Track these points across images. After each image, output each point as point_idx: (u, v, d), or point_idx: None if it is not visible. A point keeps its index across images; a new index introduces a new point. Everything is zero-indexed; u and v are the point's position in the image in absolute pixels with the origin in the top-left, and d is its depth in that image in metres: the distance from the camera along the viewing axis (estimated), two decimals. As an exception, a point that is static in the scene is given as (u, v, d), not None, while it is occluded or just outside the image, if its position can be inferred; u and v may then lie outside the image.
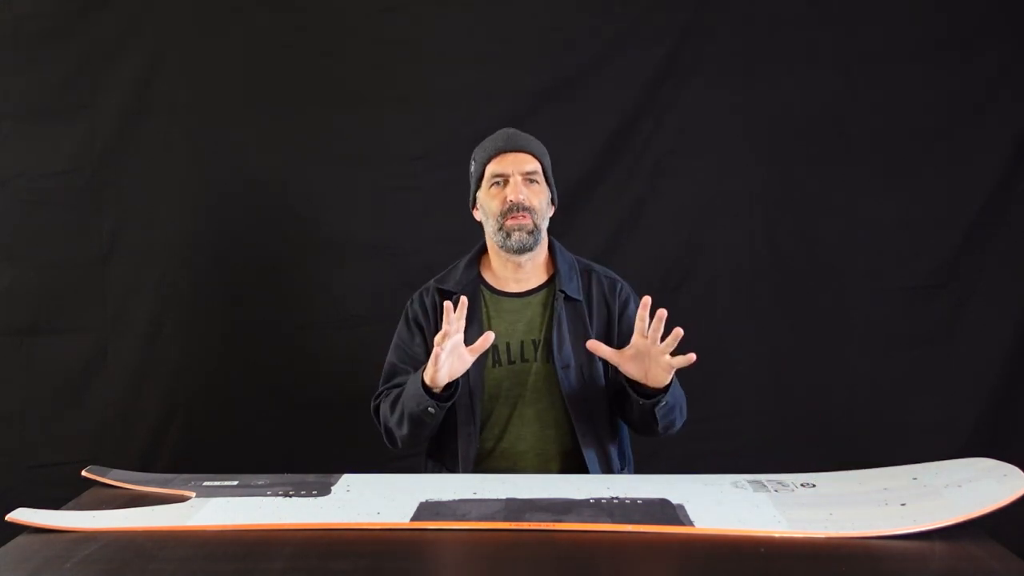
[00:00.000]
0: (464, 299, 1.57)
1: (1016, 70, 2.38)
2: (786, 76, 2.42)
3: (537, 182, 1.76)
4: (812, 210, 2.43)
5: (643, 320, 1.56)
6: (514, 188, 1.73)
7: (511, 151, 1.76)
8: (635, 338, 1.58)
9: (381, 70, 2.43)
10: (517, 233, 1.73)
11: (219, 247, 2.46)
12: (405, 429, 1.70)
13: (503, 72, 2.42)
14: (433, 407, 1.63)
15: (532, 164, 1.76)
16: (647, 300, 1.56)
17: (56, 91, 2.42)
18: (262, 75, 2.44)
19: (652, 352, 1.56)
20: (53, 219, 2.43)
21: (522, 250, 1.74)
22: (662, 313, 1.53)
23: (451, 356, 1.59)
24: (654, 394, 1.62)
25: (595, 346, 1.62)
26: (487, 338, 1.59)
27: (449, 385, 1.63)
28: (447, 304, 1.55)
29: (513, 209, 1.72)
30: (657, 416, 1.65)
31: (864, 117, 2.41)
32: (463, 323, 1.57)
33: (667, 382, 1.60)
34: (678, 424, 1.74)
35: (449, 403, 1.66)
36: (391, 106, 2.43)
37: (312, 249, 2.45)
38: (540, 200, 1.76)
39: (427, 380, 1.62)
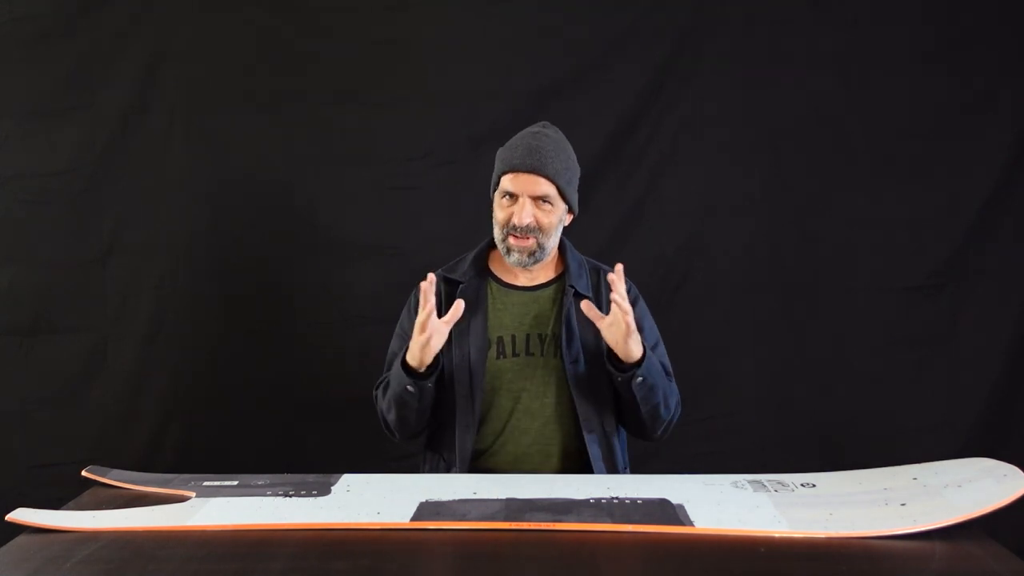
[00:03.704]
0: (432, 276, 1.64)
1: (1016, 70, 2.38)
2: (786, 76, 2.42)
3: (550, 203, 1.73)
4: (812, 210, 2.43)
5: (613, 283, 1.61)
6: (520, 211, 1.70)
7: (525, 172, 1.70)
8: (612, 305, 1.62)
9: (382, 70, 2.43)
10: (516, 254, 1.73)
11: (219, 247, 2.46)
12: (393, 413, 1.72)
13: (503, 72, 2.42)
14: (411, 385, 1.65)
15: (545, 188, 1.71)
16: (620, 267, 1.64)
17: (56, 91, 2.42)
18: (262, 75, 2.44)
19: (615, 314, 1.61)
20: (53, 219, 2.43)
21: (521, 266, 1.76)
22: (619, 268, 1.63)
23: (431, 333, 1.63)
24: (629, 368, 1.65)
25: (588, 306, 1.65)
26: (458, 307, 1.63)
27: (432, 364, 1.66)
28: (422, 287, 1.62)
29: (516, 230, 1.71)
30: (636, 396, 1.67)
31: (864, 117, 2.41)
32: (433, 301, 1.62)
33: (639, 354, 1.64)
34: (663, 415, 1.73)
35: (428, 380, 1.67)
36: (391, 106, 2.43)
37: (312, 249, 2.45)
38: (549, 219, 1.73)
39: (409, 360, 1.65)
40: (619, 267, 1.64)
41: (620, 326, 1.61)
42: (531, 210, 1.71)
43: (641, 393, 1.67)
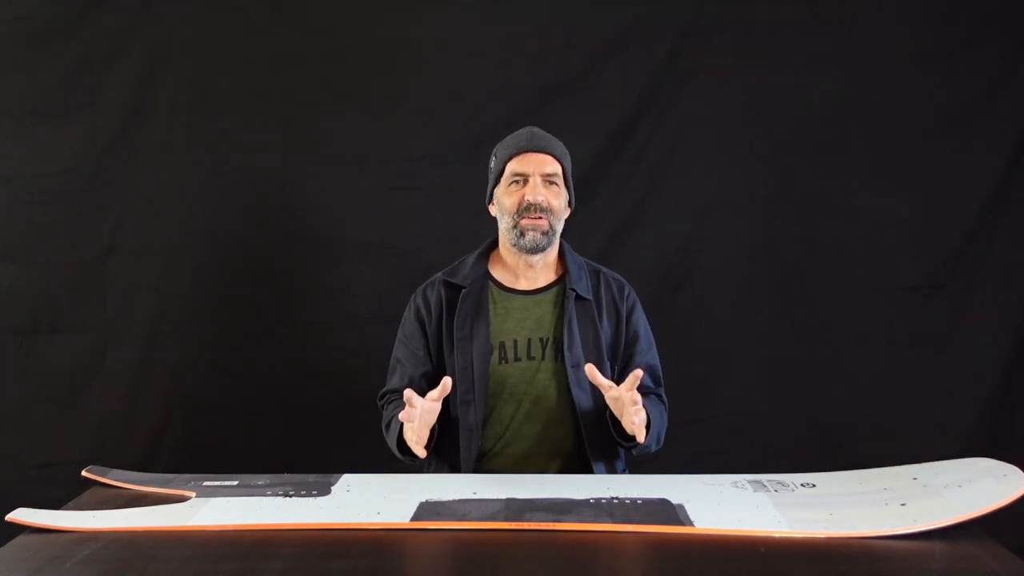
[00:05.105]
0: (447, 381, 1.54)
1: (1016, 70, 2.38)
2: (786, 76, 2.41)
3: (556, 184, 1.77)
4: (812, 210, 2.43)
5: (634, 377, 1.54)
6: (532, 189, 1.73)
7: (533, 151, 1.75)
8: (623, 386, 1.56)
9: (382, 70, 2.43)
10: (531, 233, 1.74)
11: (219, 247, 2.46)
12: (395, 451, 1.72)
13: (503, 72, 2.42)
14: (411, 460, 1.66)
15: (553, 166, 1.76)
16: (638, 372, 1.54)
17: (56, 91, 2.42)
18: (262, 75, 2.44)
19: (626, 403, 1.56)
20: (53, 219, 2.43)
21: (535, 250, 1.75)
22: (638, 373, 1.53)
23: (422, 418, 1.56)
24: (630, 439, 1.63)
25: (591, 372, 1.59)
26: (445, 384, 1.54)
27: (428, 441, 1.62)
28: (407, 395, 1.50)
29: (530, 209, 1.72)
30: (631, 452, 1.70)
31: (864, 117, 2.41)
32: (417, 419, 1.53)
33: (642, 438, 1.59)
34: (652, 449, 1.74)
35: (425, 456, 1.62)
36: (392, 106, 2.42)
37: (312, 249, 2.45)
38: (558, 202, 1.76)
39: (406, 440, 1.61)
40: (637, 372, 1.54)
41: (628, 413, 1.56)
42: (542, 189, 1.73)
43: (636, 452, 1.69)
